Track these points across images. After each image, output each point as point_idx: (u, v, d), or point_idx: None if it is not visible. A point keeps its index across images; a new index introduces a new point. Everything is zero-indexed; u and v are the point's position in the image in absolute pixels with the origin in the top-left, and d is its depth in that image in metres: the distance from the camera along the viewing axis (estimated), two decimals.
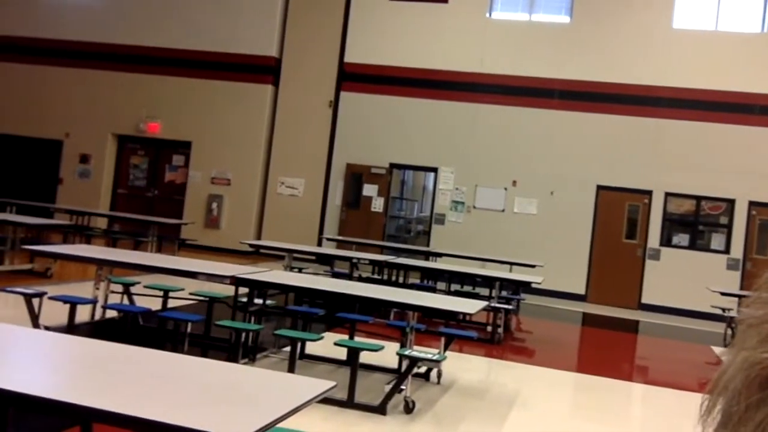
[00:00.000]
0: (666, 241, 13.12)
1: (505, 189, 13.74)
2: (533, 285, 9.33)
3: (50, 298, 5.95)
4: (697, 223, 13.12)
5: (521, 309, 10.82)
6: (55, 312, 6.10)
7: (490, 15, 14.14)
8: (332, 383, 2.68)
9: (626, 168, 13.21)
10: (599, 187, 13.36)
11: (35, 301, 5.82)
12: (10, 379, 2.45)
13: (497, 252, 12.20)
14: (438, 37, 14.16)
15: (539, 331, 10.25)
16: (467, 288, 10.73)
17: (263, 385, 2.68)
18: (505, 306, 8.70)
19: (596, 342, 10.48)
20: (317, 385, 2.67)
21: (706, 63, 12.97)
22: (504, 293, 9.75)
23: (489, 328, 8.62)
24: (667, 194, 13.11)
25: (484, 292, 10.09)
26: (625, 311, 12.63)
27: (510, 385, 6.77)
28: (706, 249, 12.94)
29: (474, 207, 13.88)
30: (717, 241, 12.94)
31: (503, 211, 13.73)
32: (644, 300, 12.99)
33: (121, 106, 15.46)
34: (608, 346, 9.98)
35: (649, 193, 13.16)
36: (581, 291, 13.25)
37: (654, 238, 13.13)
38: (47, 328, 5.51)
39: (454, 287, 10.50)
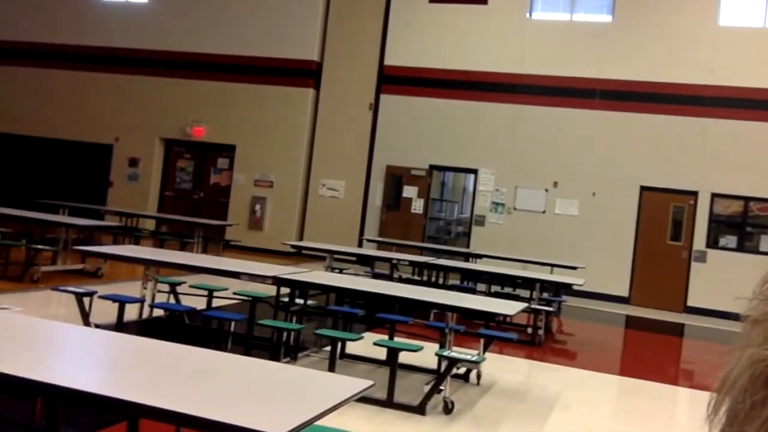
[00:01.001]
0: (712, 243, 12.87)
1: (546, 190, 13.64)
2: (574, 287, 9.26)
3: (100, 297, 6.11)
4: (744, 224, 12.84)
5: (563, 311, 10.73)
6: (105, 310, 6.27)
7: (530, 15, 14.05)
8: (370, 382, 2.71)
9: (671, 168, 13.00)
10: (643, 188, 13.17)
11: (86, 300, 5.99)
12: (61, 375, 2.54)
13: (538, 253, 12.11)
14: (478, 38, 14.13)
15: (581, 334, 10.16)
16: (507, 290, 10.69)
17: (303, 384, 2.73)
18: (546, 308, 8.64)
19: (640, 345, 10.34)
20: (355, 384, 2.71)
21: (753, 60, 12.69)
22: (545, 295, 9.69)
23: (529, 330, 8.58)
24: (714, 195, 12.85)
25: (525, 293, 10.04)
26: (669, 314, 12.42)
27: (550, 387, 6.73)
28: (755, 251, 12.65)
29: (514, 208, 13.81)
30: (766, 243, 12.65)
31: (544, 212, 13.63)
32: (690, 303, 12.77)
33: (168, 111, 15.79)
34: (652, 349, 9.84)
35: (694, 194, 12.93)
36: (624, 293, 13.08)
37: (700, 240, 12.89)
38: (97, 326, 5.65)
39: (494, 289, 10.47)
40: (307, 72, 15.12)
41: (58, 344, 3.13)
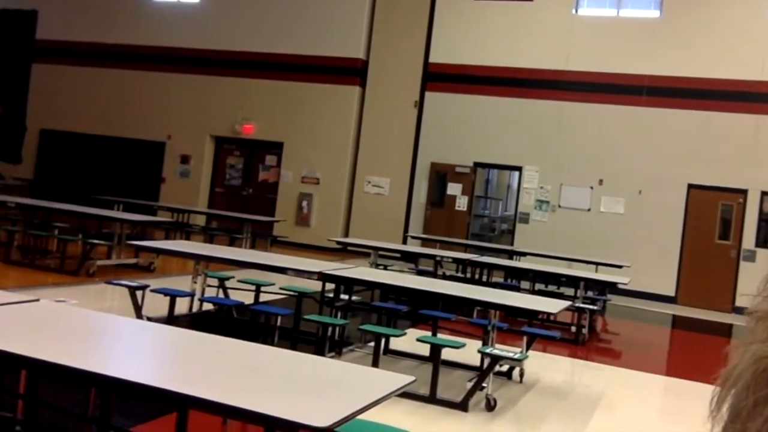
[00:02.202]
0: (762, 242, 12.58)
1: (591, 188, 13.50)
2: (620, 285, 9.16)
3: (152, 290, 6.28)
4: None
5: (607, 310, 10.62)
6: (156, 304, 6.43)
7: (576, 11, 13.90)
8: (411, 378, 2.75)
9: (719, 166, 12.73)
10: (690, 186, 12.93)
11: (138, 294, 6.15)
12: (114, 366, 2.64)
13: (583, 252, 11.99)
14: (523, 35, 14.04)
15: (626, 333, 10.06)
16: (552, 288, 10.62)
17: (346, 378, 2.78)
18: (590, 306, 8.58)
19: (686, 345, 10.19)
20: (397, 379, 2.75)
21: None
22: (589, 293, 9.62)
23: (573, 329, 8.53)
24: (764, 193, 12.55)
25: (569, 292, 9.97)
26: (717, 314, 12.19)
27: (594, 386, 6.70)
28: None
29: (559, 206, 13.70)
30: None
31: (589, 210, 13.49)
32: (738, 303, 12.50)
33: (218, 109, 16.08)
34: (699, 349, 9.68)
35: (744, 192, 12.64)
36: (671, 293, 12.87)
37: (749, 239, 12.60)
38: (149, 319, 5.80)
39: (539, 287, 10.41)
40: (354, 70, 15.22)
41: (112, 336, 3.25)
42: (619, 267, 10.53)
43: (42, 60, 17.67)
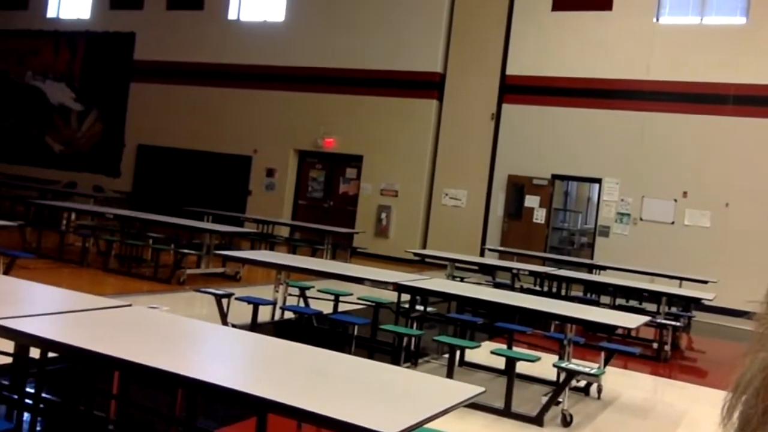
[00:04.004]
0: None
1: (675, 200, 13.13)
2: (705, 302, 8.89)
3: (237, 298, 6.55)
4: None
5: (693, 327, 10.30)
6: (241, 311, 6.69)
7: (657, 20, 13.60)
8: (480, 389, 2.77)
9: None
10: None
11: (224, 301, 6.41)
12: (200, 370, 2.78)
13: (665, 266, 11.68)
14: (602, 45, 13.83)
15: (712, 351, 9.72)
16: (633, 303, 10.38)
17: (417, 387, 2.85)
18: (673, 323, 8.36)
19: None
20: (466, 390, 2.79)
21: None
22: (673, 309, 9.37)
23: (655, 346, 8.32)
24: None
25: (652, 307, 9.73)
26: None
27: (676, 405, 6.53)
28: None
29: (641, 219, 13.38)
30: None
31: (672, 223, 13.12)
32: None
33: (301, 123, 16.53)
34: None
35: None
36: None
37: None
38: (234, 326, 6.02)
39: (619, 302, 10.20)
40: (431, 84, 15.34)
41: (199, 341, 3.43)
42: (704, 282, 10.21)
43: (139, 79, 18.62)
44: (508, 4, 14.73)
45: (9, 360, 4.01)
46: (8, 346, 3.58)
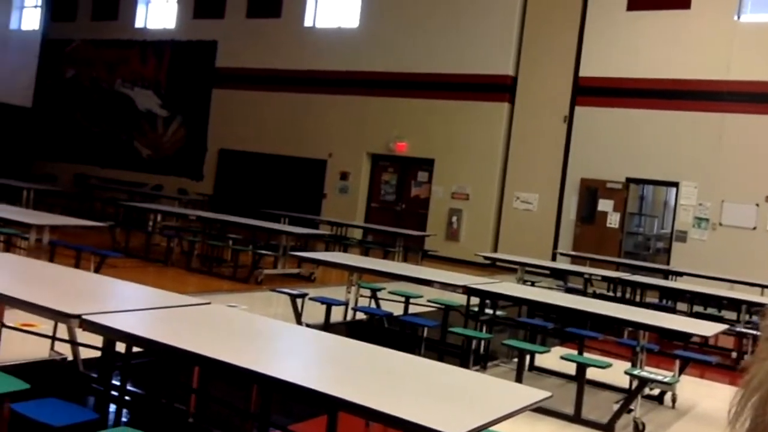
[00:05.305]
0: None
1: (757, 205, 12.66)
2: None
3: (311, 299, 6.72)
4: None
5: None
6: (315, 311, 6.85)
7: (738, 18, 13.15)
8: (547, 393, 2.80)
9: None
10: None
11: (299, 301, 6.60)
12: (275, 367, 2.89)
13: (746, 273, 11.26)
14: (679, 44, 13.47)
15: None
16: (711, 311, 10.08)
17: (485, 390, 2.88)
18: (754, 331, 8.10)
19: None
20: (534, 394, 2.80)
21: None
22: (754, 318, 9.06)
23: (734, 355, 8.08)
24: None
25: (731, 315, 9.43)
26: None
27: None
28: None
29: (720, 224, 12.96)
30: None
31: (754, 228, 12.66)
32: None
33: (374, 127, 16.74)
34: None
35: None
36: None
37: None
38: (308, 325, 6.18)
39: (697, 309, 9.92)
40: (503, 86, 15.27)
41: (274, 340, 3.56)
42: None
43: (220, 86, 19.22)
44: (581, 5, 14.52)
45: (98, 354, 4.24)
46: (97, 340, 3.79)
